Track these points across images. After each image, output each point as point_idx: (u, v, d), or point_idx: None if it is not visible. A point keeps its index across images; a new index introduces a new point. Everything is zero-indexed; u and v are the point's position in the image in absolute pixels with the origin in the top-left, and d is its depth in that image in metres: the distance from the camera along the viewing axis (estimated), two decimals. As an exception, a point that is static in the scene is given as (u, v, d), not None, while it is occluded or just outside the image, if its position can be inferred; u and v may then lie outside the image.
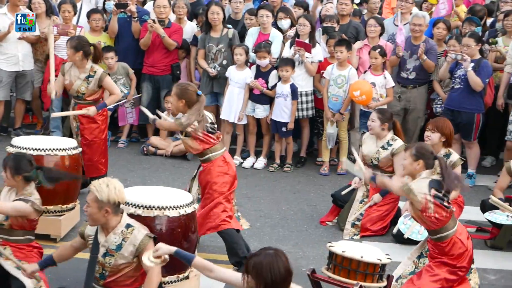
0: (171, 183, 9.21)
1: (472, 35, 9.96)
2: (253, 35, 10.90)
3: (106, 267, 5.63)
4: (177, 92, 7.01)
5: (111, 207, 5.52)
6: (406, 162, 6.34)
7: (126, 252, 5.59)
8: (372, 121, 8.56)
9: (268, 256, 4.46)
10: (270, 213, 8.99)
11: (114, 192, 5.52)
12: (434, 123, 8.18)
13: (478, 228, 8.70)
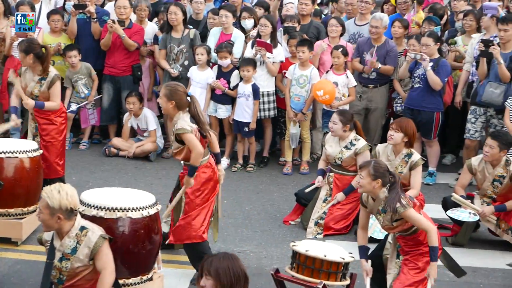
0: (133, 184, 9.16)
1: (431, 34, 10.04)
2: (215, 35, 10.87)
3: (63, 272, 5.56)
4: (166, 93, 6.81)
5: (63, 213, 5.44)
6: (365, 182, 6.17)
7: (82, 255, 5.52)
8: (334, 123, 8.57)
9: (227, 259, 4.53)
10: (233, 213, 8.98)
11: (66, 198, 5.43)
12: (398, 123, 8.21)
13: (440, 226, 8.73)
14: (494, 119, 9.91)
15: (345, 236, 8.39)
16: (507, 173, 8.14)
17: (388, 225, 6.21)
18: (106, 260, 5.56)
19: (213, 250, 7.74)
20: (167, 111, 6.96)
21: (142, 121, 10.88)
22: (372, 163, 6.23)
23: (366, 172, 6.14)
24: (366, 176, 6.14)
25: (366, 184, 6.17)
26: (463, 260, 7.98)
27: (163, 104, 6.88)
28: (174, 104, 6.77)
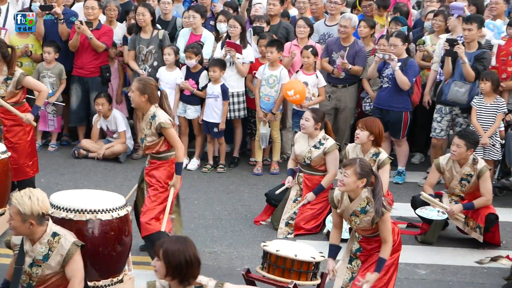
0: (103, 186, 9.11)
1: (399, 34, 10.10)
2: (185, 36, 10.86)
3: (33, 278, 5.51)
4: (139, 87, 6.93)
5: (35, 219, 5.39)
6: (350, 180, 5.96)
7: (53, 262, 5.48)
8: (306, 120, 8.59)
9: (179, 242, 4.61)
10: (204, 214, 8.97)
11: (37, 204, 5.38)
12: (364, 121, 8.27)
13: (409, 224, 8.82)
14: (459, 118, 10.01)
15: (316, 235, 8.41)
16: (475, 172, 8.22)
17: (365, 226, 6.07)
18: (76, 268, 5.53)
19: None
20: (138, 105, 7.01)
21: (112, 123, 10.83)
22: (358, 162, 6.02)
23: (352, 170, 5.94)
24: (352, 174, 5.94)
25: (350, 182, 5.97)
26: (432, 258, 8.08)
27: (135, 98, 6.94)
28: (146, 98, 6.91)
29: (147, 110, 6.99)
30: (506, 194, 9.84)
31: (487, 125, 9.60)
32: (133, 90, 6.97)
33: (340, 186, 6.05)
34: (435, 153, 9.99)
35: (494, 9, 11.09)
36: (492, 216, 8.19)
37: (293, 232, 8.43)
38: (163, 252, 4.59)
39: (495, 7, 11.08)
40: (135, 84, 6.97)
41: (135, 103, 7.04)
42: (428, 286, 7.46)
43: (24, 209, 5.34)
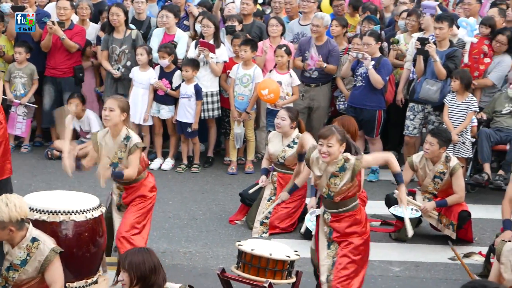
0: (77, 187, 9.04)
1: (372, 34, 10.14)
2: (158, 35, 10.85)
3: (9, 281, 5.50)
4: (121, 105, 6.78)
5: (14, 225, 5.38)
6: (335, 149, 6.03)
7: (31, 268, 5.48)
8: (283, 119, 8.60)
9: (142, 253, 4.79)
10: (178, 214, 8.96)
11: (15, 210, 5.36)
12: (340, 120, 8.25)
13: (383, 222, 8.87)
14: (431, 115, 10.09)
15: (291, 234, 8.44)
16: (447, 169, 8.28)
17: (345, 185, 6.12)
18: (56, 275, 5.53)
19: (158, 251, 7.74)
20: (113, 123, 6.82)
21: (85, 123, 10.79)
22: (335, 129, 6.12)
23: (335, 139, 6.02)
24: (336, 143, 6.02)
25: (336, 151, 6.05)
26: (406, 255, 8.13)
27: (115, 116, 6.76)
28: (126, 117, 6.83)
29: (119, 131, 6.87)
30: (478, 191, 9.92)
31: (458, 123, 9.70)
32: (113, 108, 6.75)
33: (325, 158, 6.08)
34: (408, 151, 10.07)
35: (467, 9, 11.20)
36: (465, 213, 8.26)
37: (268, 231, 8.45)
38: (128, 264, 4.70)
39: (468, 7, 11.19)
40: (116, 102, 6.78)
41: (113, 121, 6.80)
42: (402, 283, 7.49)
43: (2, 217, 5.33)
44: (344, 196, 6.21)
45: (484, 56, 10.30)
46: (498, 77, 10.23)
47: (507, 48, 10.21)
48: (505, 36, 10.16)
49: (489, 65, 10.30)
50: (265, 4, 13.06)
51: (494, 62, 10.27)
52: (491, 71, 10.27)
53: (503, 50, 10.21)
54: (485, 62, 10.30)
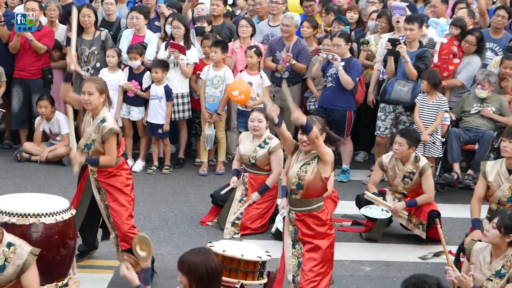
0: (46, 189, 9.01)
1: (342, 34, 10.17)
2: (128, 37, 10.81)
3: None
4: (98, 87, 6.81)
5: None
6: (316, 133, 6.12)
7: (9, 273, 5.46)
8: (260, 121, 8.60)
9: (201, 255, 4.71)
10: (149, 216, 8.94)
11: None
12: None
13: (354, 222, 8.91)
14: (403, 116, 10.14)
15: (262, 235, 8.46)
16: (417, 169, 8.34)
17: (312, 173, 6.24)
18: (32, 280, 5.53)
19: (130, 254, 7.71)
20: (94, 106, 6.86)
21: (55, 125, 10.73)
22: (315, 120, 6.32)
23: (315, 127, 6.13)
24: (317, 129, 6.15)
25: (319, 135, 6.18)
26: (376, 255, 8.18)
27: (94, 99, 6.81)
28: (105, 98, 6.86)
29: (98, 113, 6.89)
30: (447, 191, 10.00)
31: (429, 123, 9.75)
32: (91, 91, 6.79)
33: (305, 147, 6.29)
34: (380, 151, 10.10)
35: (434, 11, 11.30)
36: (434, 213, 8.27)
37: (239, 232, 8.46)
38: (187, 267, 4.67)
39: (434, 10, 11.29)
40: (93, 84, 6.82)
41: (91, 103, 6.85)
42: (373, 283, 7.55)
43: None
44: (309, 193, 6.26)
45: (454, 57, 10.39)
46: (467, 77, 10.33)
47: (476, 48, 10.31)
48: (474, 37, 10.27)
49: (458, 66, 10.39)
50: (235, 6, 13.06)
51: (463, 63, 10.37)
52: (460, 72, 10.36)
53: (472, 51, 10.31)
54: (454, 63, 10.39)
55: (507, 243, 5.88)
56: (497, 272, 5.88)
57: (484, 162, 7.61)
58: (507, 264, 5.86)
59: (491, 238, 5.89)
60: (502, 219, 5.83)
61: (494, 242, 5.90)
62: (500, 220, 5.83)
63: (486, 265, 5.94)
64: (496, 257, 5.92)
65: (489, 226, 5.92)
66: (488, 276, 5.90)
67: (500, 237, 5.85)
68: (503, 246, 5.90)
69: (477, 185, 7.61)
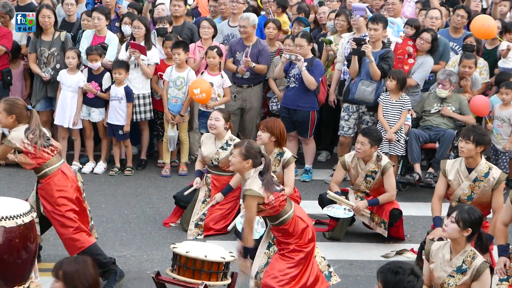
0: (6, 192, 8.94)
1: (304, 35, 10.21)
2: (88, 37, 10.75)
3: None
4: (6, 107, 6.82)
5: None
6: (236, 160, 6.38)
7: None
8: (217, 120, 8.60)
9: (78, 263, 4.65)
10: (112, 218, 8.92)
11: None
12: (264, 123, 8.35)
13: (317, 221, 8.94)
14: (366, 115, 10.22)
15: (225, 236, 8.47)
16: (379, 168, 8.41)
17: None
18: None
19: (92, 256, 7.69)
20: (6, 125, 6.94)
21: (14, 127, 10.60)
22: (245, 144, 6.42)
23: (238, 151, 6.35)
24: (238, 155, 6.34)
25: (236, 163, 6.37)
26: (339, 254, 8.23)
27: (2, 118, 6.84)
28: (14, 118, 6.82)
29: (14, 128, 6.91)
30: (409, 189, 10.11)
31: (393, 121, 9.87)
32: None
33: (230, 166, 6.57)
34: (343, 150, 10.12)
35: (391, 9, 11.39)
36: (396, 211, 8.40)
37: (202, 233, 8.47)
38: (62, 274, 4.61)
39: (391, 7, 11.39)
40: (1, 105, 6.86)
41: (2, 124, 6.94)
42: (337, 282, 7.58)
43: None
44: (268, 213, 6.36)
45: (409, 57, 10.48)
46: (421, 77, 10.45)
47: (430, 48, 10.42)
48: (429, 34, 10.38)
49: (413, 66, 10.48)
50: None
51: (417, 63, 10.46)
52: (415, 72, 10.45)
53: (426, 49, 10.39)
54: (409, 63, 10.48)
55: (465, 238, 5.96)
56: (458, 268, 5.94)
57: (444, 161, 7.67)
58: (468, 260, 5.92)
59: (450, 233, 5.97)
60: (460, 213, 5.91)
61: (453, 236, 5.97)
62: (458, 214, 5.92)
63: (446, 262, 6.00)
64: (456, 253, 5.99)
65: (448, 220, 6.00)
66: (449, 273, 5.96)
67: (459, 231, 5.93)
68: (462, 241, 5.97)
69: (438, 183, 7.67)
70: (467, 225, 5.91)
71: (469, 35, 10.86)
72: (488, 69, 10.69)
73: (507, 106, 10.14)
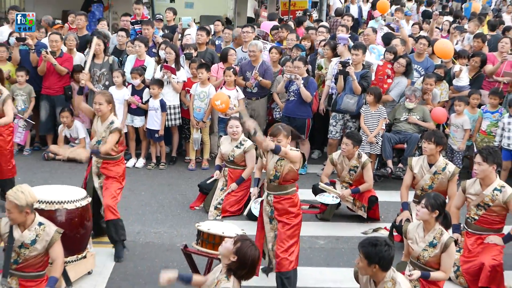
0: (68, 182, 8.94)
1: (301, 59, 10.18)
2: (131, 61, 10.79)
3: (20, 256, 5.48)
4: (107, 99, 6.89)
5: (29, 208, 5.39)
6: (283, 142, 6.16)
7: (39, 246, 5.48)
8: (237, 127, 8.63)
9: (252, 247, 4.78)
10: (149, 202, 8.94)
11: (29, 196, 5.39)
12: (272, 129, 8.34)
13: (310, 206, 8.94)
14: (350, 122, 10.18)
15: (238, 217, 8.44)
16: (360, 164, 8.42)
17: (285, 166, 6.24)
18: (59, 252, 5.54)
19: (134, 232, 7.74)
20: (105, 113, 6.94)
21: (74, 131, 10.69)
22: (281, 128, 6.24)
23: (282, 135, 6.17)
24: (283, 138, 6.17)
25: (284, 145, 6.15)
26: (328, 231, 8.21)
27: (103, 108, 6.88)
28: (111, 107, 6.94)
29: (107, 117, 6.96)
30: (383, 180, 10.08)
31: (372, 128, 9.84)
32: (102, 102, 6.89)
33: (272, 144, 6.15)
34: (331, 150, 10.10)
35: (366, 39, 11.42)
36: (373, 198, 8.40)
37: (220, 214, 8.47)
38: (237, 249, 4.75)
39: (367, 37, 11.42)
40: (102, 97, 6.90)
41: (103, 112, 6.93)
42: (326, 253, 7.60)
43: (21, 202, 5.33)
44: (285, 179, 6.27)
45: (388, 78, 10.48)
46: (397, 94, 10.41)
47: (405, 70, 10.42)
48: (404, 60, 10.38)
49: (390, 85, 10.47)
50: (215, 35, 13.10)
51: (394, 82, 10.43)
52: (392, 89, 10.42)
53: (401, 71, 10.38)
54: (388, 82, 10.45)
55: (434, 218, 6.00)
56: (430, 243, 5.98)
57: (411, 158, 7.67)
58: (437, 236, 5.97)
59: (421, 216, 6.02)
60: (428, 199, 5.98)
61: (424, 218, 6.02)
62: (427, 200, 5.98)
63: (421, 239, 6.04)
64: (428, 231, 6.03)
65: (419, 207, 6.05)
66: (423, 247, 6.00)
67: (428, 214, 5.98)
68: (432, 222, 6.02)
69: (405, 176, 7.67)
70: (435, 208, 5.96)
71: (437, 67, 10.84)
72: (448, 90, 10.67)
73: (460, 115, 10.13)
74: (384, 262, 4.94)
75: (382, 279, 5.03)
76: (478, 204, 6.80)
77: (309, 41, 11.74)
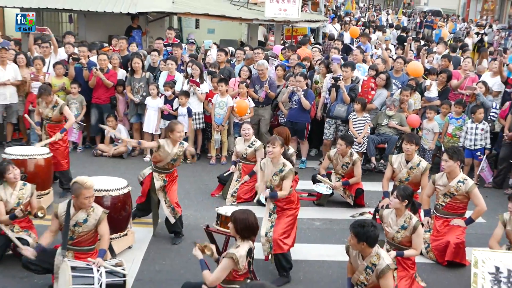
0: (112, 174, 8.95)
1: (302, 74, 10.19)
2: (164, 76, 10.81)
3: (75, 233, 5.52)
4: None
5: None
6: (276, 150, 6.10)
7: (90, 224, 5.53)
8: (249, 129, 8.64)
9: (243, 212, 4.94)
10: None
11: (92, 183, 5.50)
12: (277, 129, 8.38)
13: (309, 194, 8.94)
14: (341, 126, 10.15)
15: (250, 203, 8.35)
16: (351, 161, 8.39)
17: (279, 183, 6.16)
18: (105, 229, 5.60)
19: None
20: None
21: (117, 133, 10.71)
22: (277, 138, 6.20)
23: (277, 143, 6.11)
24: (277, 145, 6.11)
25: (277, 151, 6.08)
26: (323, 215, 8.19)
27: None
28: None
29: None
30: (368, 174, 10.04)
31: (359, 131, 9.80)
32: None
33: (270, 155, 6.11)
34: (325, 149, 10.12)
35: (355, 58, 11.39)
36: (360, 190, 8.38)
37: (236, 201, 8.48)
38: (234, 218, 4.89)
39: (355, 57, 11.40)
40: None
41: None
42: (321, 233, 7.58)
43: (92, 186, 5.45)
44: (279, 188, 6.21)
45: (371, 90, 10.45)
46: (380, 103, 10.36)
47: (385, 83, 10.39)
48: (384, 75, 10.35)
49: (374, 96, 10.43)
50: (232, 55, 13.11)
51: (377, 94, 10.38)
52: (375, 99, 10.38)
53: (382, 85, 10.34)
54: (371, 94, 10.42)
55: (404, 206, 5.99)
56: (402, 226, 5.97)
57: (391, 156, 7.66)
58: (407, 220, 5.96)
59: (394, 204, 6.01)
60: (398, 191, 5.96)
61: (396, 207, 6.00)
62: (397, 192, 5.96)
63: (394, 223, 6.03)
64: (399, 217, 6.01)
65: (392, 197, 6.03)
66: (396, 230, 5.99)
67: (399, 203, 5.96)
68: (402, 209, 6.00)
69: (386, 170, 7.66)
70: (404, 198, 5.94)
71: (411, 79, 10.79)
72: (420, 100, 10.62)
73: (431, 121, 10.09)
74: (371, 240, 4.94)
75: (369, 253, 5.03)
76: (445, 193, 6.80)
77: (309, 61, 11.74)
